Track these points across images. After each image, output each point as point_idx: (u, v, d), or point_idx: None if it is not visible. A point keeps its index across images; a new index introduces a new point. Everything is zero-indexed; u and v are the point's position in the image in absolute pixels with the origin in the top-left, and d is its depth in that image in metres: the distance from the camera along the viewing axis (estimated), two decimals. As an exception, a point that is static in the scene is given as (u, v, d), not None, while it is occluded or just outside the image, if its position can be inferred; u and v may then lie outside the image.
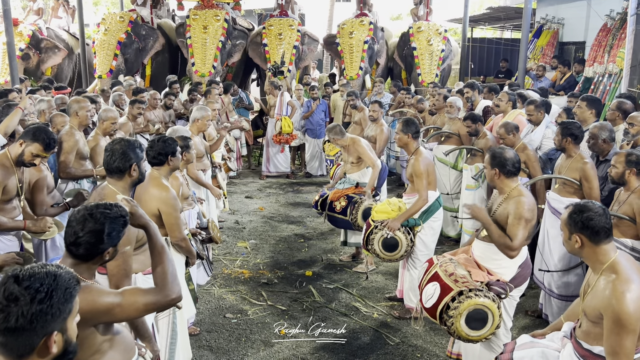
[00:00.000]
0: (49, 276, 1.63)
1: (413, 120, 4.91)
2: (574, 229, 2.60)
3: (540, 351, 2.79)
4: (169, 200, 3.54)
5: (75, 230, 2.11)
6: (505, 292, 3.50)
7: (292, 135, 9.86)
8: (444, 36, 12.29)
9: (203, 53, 11.41)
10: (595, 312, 2.52)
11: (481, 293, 3.40)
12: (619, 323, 2.38)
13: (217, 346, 4.42)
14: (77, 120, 5.14)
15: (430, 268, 3.76)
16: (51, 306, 1.60)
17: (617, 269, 2.50)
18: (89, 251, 2.13)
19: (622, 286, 2.42)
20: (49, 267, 1.67)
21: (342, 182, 6.02)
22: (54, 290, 1.62)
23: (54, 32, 13.53)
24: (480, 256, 3.74)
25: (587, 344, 2.62)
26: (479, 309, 3.37)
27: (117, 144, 3.02)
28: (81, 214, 2.14)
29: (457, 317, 3.37)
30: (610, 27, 9.82)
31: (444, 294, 3.45)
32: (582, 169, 4.39)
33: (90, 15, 22.31)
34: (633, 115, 4.84)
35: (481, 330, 3.42)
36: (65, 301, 1.64)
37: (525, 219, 3.48)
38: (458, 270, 3.58)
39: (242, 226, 7.41)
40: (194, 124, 5.83)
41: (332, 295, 5.33)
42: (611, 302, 2.41)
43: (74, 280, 1.70)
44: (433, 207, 4.81)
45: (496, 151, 3.72)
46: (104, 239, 2.12)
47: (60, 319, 1.63)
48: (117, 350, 2.21)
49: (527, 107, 5.77)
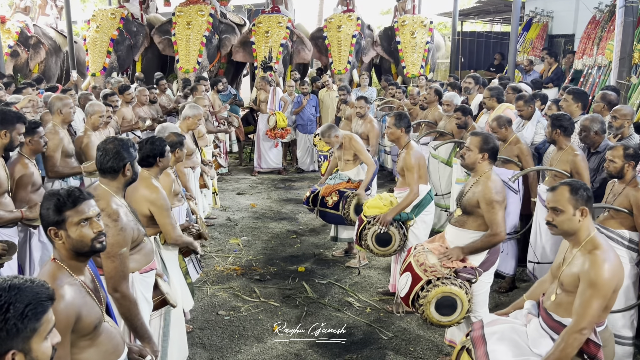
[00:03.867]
0: (11, 289, 1.49)
1: (405, 114, 4.91)
2: (580, 203, 2.72)
3: (509, 326, 2.93)
4: (159, 201, 3.53)
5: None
6: (475, 277, 3.66)
7: (287, 129, 9.85)
8: (429, 28, 12.28)
9: (187, 49, 11.34)
10: (573, 279, 2.67)
11: (448, 281, 3.60)
12: (593, 286, 2.56)
13: (210, 343, 4.41)
14: (60, 118, 5.11)
15: (406, 258, 3.94)
16: (5, 321, 1.45)
17: (598, 242, 2.69)
18: None
19: (604, 255, 2.62)
20: (16, 280, 1.53)
21: (333, 177, 5.99)
22: (12, 304, 1.47)
23: (41, 29, 13.40)
24: (452, 241, 3.88)
25: (557, 316, 2.75)
26: (447, 296, 3.57)
27: (110, 143, 2.96)
28: None
29: (427, 305, 3.58)
30: (599, 19, 9.86)
31: (414, 283, 3.68)
32: (573, 161, 4.43)
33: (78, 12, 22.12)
34: (616, 109, 4.87)
35: (451, 316, 3.62)
36: (25, 318, 1.48)
37: (496, 201, 3.62)
38: (429, 259, 3.73)
39: (233, 223, 7.39)
40: (184, 121, 5.79)
41: (324, 291, 5.33)
42: (591, 268, 2.59)
43: (44, 296, 1.55)
44: (425, 201, 4.81)
45: (488, 136, 3.80)
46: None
47: (19, 337, 1.47)
48: (99, 349, 2.19)
49: (517, 103, 5.76)
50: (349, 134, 5.97)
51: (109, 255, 2.68)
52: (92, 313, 2.16)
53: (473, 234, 3.76)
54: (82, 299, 2.13)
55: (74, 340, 2.08)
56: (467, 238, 3.77)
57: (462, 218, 3.83)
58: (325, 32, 12.15)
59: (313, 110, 10.16)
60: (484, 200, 3.63)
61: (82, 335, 2.12)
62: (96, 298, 2.23)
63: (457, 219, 3.87)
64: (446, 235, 3.97)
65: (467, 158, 3.77)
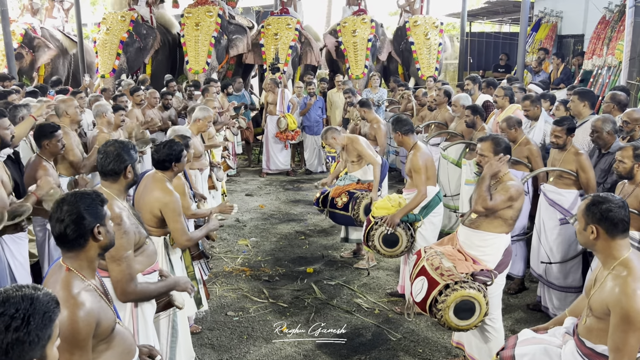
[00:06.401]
0: (25, 300, 1.50)
1: (401, 118, 4.92)
2: (590, 220, 2.54)
3: (542, 348, 2.77)
4: (171, 204, 3.54)
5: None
6: (490, 280, 3.61)
7: (297, 131, 9.88)
8: (440, 29, 12.25)
9: (196, 50, 11.40)
10: (602, 307, 2.48)
11: (466, 284, 3.53)
12: (626, 320, 2.34)
13: (219, 344, 4.43)
14: (68, 119, 5.18)
15: (418, 262, 3.86)
16: (28, 333, 1.46)
17: (630, 266, 2.45)
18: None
19: (634, 283, 2.38)
20: (24, 289, 1.54)
21: (343, 178, 6.01)
22: (32, 316, 1.48)
23: (48, 31, 13.51)
24: (465, 242, 3.82)
25: (590, 342, 2.58)
26: (465, 300, 3.51)
27: (110, 146, 2.96)
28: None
29: (446, 309, 3.51)
30: (609, 19, 9.80)
31: (431, 288, 3.60)
32: (578, 160, 4.45)
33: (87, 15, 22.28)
34: (628, 113, 4.84)
35: (470, 320, 3.56)
36: (44, 327, 1.51)
37: (511, 196, 3.60)
38: (444, 263, 3.67)
39: (242, 224, 7.41)
40: (194, 123, 5.83)
41: (333, 292, 5.34)
42: (621, 298, 2.37)
43: (53, 302, 1.58)
44: (433, 202, 4.80)
45: (498, 138, 3.77)
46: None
47: (39, 346, 1.50)
48: (115, 351, 2.20)
49: (523, 103, 5.75)
50: (351, 135, 5.98)
51: (114, 259, 2.68)
52: (108, 316, 2.17)
53: (488, 236, 3.71)
54: (99, 304, 2.14)
55: (93, 345, 2.09)
56: (480, 240, 3.73)
57: (478, 220, 3.77)
58: (339, 37, 12.12)
59: (320, 112, 10.18)
60: (501, 190, 3.62)
61: (100, 340, 2.14)
62: (107, 300, 2.25)
63: (472, 220, 3.82)
64: (458, 237, 3.92)
65: (483, 164, 3.76)
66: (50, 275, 2.21)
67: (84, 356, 2.03)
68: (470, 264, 3.67)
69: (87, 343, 2.03)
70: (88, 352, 2.06)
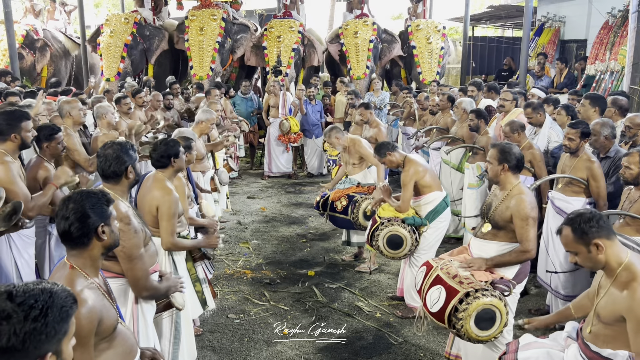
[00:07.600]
0: (44, 293, 1.52)
1: (379, 145, 4.99)
2: (590, 238, 2.54)
3: (545, 351, 2.76)
4: (167, 204, 3.52)
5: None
6: (509, 290, 3.49)
7: (299, 134, 9.90)
8: (442, 33, 12.26)
9: (200, 56, 11.38)
10: (613, 315, 2.49)
11: (487, 292, 3.38)
12: None
13: (220, 346, 4.42)
14: (71, 121, 5.19)
15: (430, 272, 3.70)
16: (46, 325, 1.49)
17: (635, 271, 2.47)
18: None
19: None
20: (44, 283, 1.57)
21: (343, 182, 6.01)
22: (50, 308, 1.51)
23: (50, 33, 13.55)
24: (479, 254, 3.72)
25: (595, 347, 2.58)
26: (487, 309, 3.36)
27: (109, 148, 2.96)
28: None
29: (467, 318, 3.34)
30: (612, 24, 9.81)
31: (450, 296, 3.42)
32: (590, 168, 4.40)
33: (91, 17, 22.33)
34: (631, 118, 4.82)
35: (490, 330, 3.40)
36: (61, 320, 1.54)
37: (532, 218, 3.48)
38: (460, 271, 3.56)
39: (244, 226, 7.42)
40: (197, 125, 5.84)
41: (334, 295, 5.33)
42: (632, 305, 2.40)
43: (71, 298, 1.60)
44: (439, 208, 4.79)
45: (505, 146, 3.69)
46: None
47: (55, 339, 1.52)
48: (117, 351, 2.21)
49: (525, 110, 5.67)
50: (353, 137, 5.98)
51: (130, 258, 2.72)
52: (111, 315, 2.18)
53: (505, 246, 3.63)
54: (101, 302, 2.15)
55: (95, 343, 2.10)
56: (497, 250, 3.63)
57: (492, 232, 3.69)
58: (341, 39, 12.14)
59: (318, 116, 10.19)
60: (518, 216, 3.48)
61: (102, 338, 2.15)
62: (110, 300, 2.26)
63: (485, 233, 3.73)
64: (471, 249, 3.83)
65: (489, 171, 3.72)
66: (55, 272, 2.23)
67: (85, 353, 2.04)
68: (488, 272, 3.57)
69: (89, 340, 2.04)
70: (90, 349, 2.06)
